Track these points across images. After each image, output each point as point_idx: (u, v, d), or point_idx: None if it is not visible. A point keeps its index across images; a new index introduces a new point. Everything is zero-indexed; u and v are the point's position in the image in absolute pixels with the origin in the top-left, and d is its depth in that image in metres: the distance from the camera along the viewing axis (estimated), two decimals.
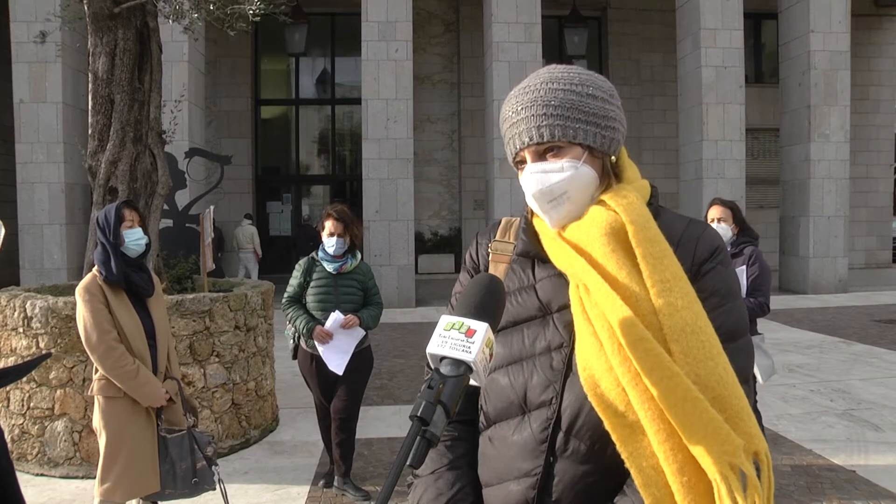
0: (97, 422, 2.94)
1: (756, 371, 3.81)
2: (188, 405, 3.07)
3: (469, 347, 0.97)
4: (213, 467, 2.99)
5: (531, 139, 1.16)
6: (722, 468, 0.98)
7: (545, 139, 1.15)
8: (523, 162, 1.20)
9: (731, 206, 4.11)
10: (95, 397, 2.95)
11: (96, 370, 2.94)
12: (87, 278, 2.99)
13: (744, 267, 3.91)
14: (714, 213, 4.09)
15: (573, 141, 1.15)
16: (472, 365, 0.96)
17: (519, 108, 1.18)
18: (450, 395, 0.94)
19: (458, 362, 0.96)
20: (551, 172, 1.16)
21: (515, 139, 1.19)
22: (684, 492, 0.99)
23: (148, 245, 3.11)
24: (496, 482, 1.19)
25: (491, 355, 1.01)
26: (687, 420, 0.99)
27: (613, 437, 1.05)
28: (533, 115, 1.16)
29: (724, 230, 4.01)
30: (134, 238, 3.01)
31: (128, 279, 2.97)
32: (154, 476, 2.91)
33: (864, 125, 17.38)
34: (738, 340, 1.12)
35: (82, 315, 2.91)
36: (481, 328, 0.99)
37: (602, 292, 1.07)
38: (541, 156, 1.17)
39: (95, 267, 2.98)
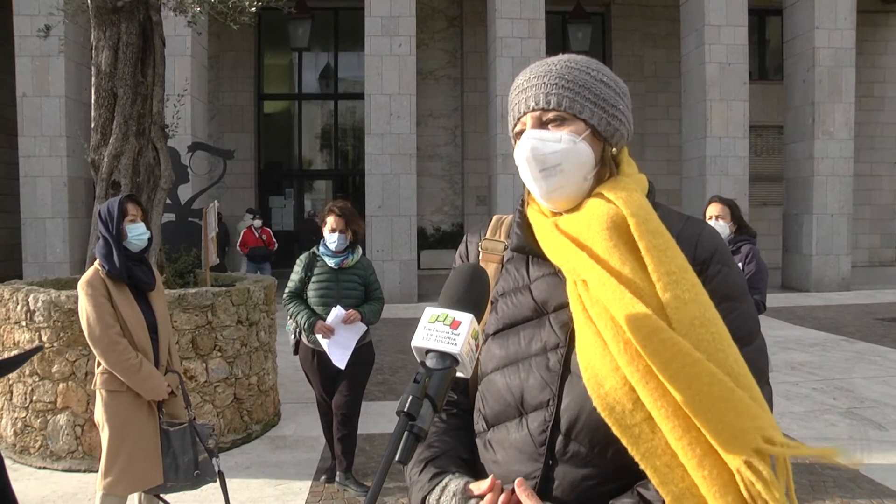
0: (99, 416, 2.94)
1: None
2: (187, 398, 3.08)
3: (454, 339, 0.95)
4: (214, 459, 3.00)
5: (536, 103, 1.14)
6: (757, 444, 0.94)
7: (551, 105, 1.13)
8: (522, 131, 1.17)
9: (729, 204, 4.18)
10: (98, 391, 2.95)
11: (99, 364, 2.94)
12: (89, 272, 2.99)
13: (740, 265, 3.93)
14: (712, 210, 4.16)
15: (578, 115, 1.13)
16: (457, 357, 0.95)
17: (531, 77, 1.16)
18: (436, 389, 0.92)
19: (443, 355, 0.95)
20: (549, 141, 1.13)
21: (521, 104, 1.16)
22: (708, 483, 0.97)
23: (150, 240, 3.11)
24: None
25: (478, 346, 0.99)
26: (715, 405, 0.95)
27: (623, 441, 1.01)
28: (544, 83, 1.14)
29: (722, 228, 4.08)
30: (137, 233, 3.01)
31: (130, 273, 2.97)
32: (157, 469, 2.92)
33: (868, 122, 17.30)
34: (755, 341, 1.10)
35: (85, 309, 2.90)
36: (466, 319, 0.97)
37: (607, 287, 1.04)
38: (542, 124, 1.15)
39: (97, 261, 2.98)
